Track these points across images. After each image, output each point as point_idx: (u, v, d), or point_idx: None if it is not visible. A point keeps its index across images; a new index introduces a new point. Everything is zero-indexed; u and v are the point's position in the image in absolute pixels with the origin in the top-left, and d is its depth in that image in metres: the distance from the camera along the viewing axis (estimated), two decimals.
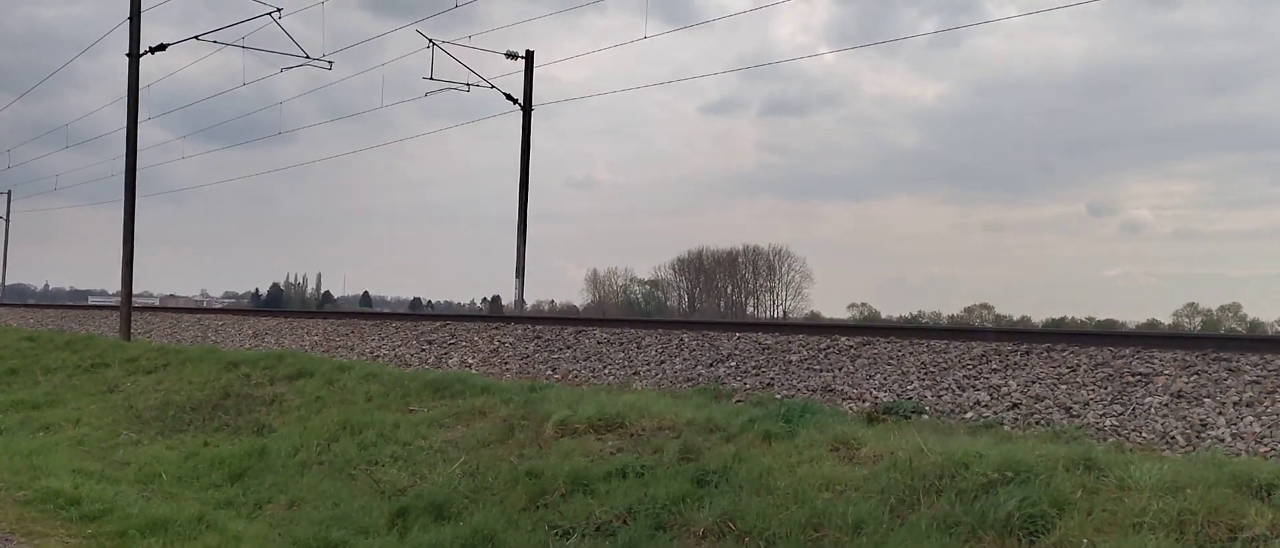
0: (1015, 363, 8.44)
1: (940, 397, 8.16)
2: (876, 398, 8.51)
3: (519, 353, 12.91)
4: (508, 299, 46.13)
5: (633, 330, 12.65)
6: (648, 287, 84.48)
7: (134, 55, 19.97)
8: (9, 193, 60.15)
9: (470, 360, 13.12)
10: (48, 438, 10.57)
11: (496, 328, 14.50)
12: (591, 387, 10.58)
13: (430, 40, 24.34)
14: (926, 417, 7.78)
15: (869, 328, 11.20)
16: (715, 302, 79.99)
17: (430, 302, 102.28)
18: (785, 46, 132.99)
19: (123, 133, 20.32)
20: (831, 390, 9.00)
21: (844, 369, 9.43)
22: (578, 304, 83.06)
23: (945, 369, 8.71)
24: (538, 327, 14.06)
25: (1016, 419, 7.31)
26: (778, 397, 9.02)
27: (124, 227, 20.33)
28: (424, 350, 14.22)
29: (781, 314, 75.69)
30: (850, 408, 8.34)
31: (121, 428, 10.86)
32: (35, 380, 14.85)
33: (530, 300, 31.97)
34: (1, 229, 62.25)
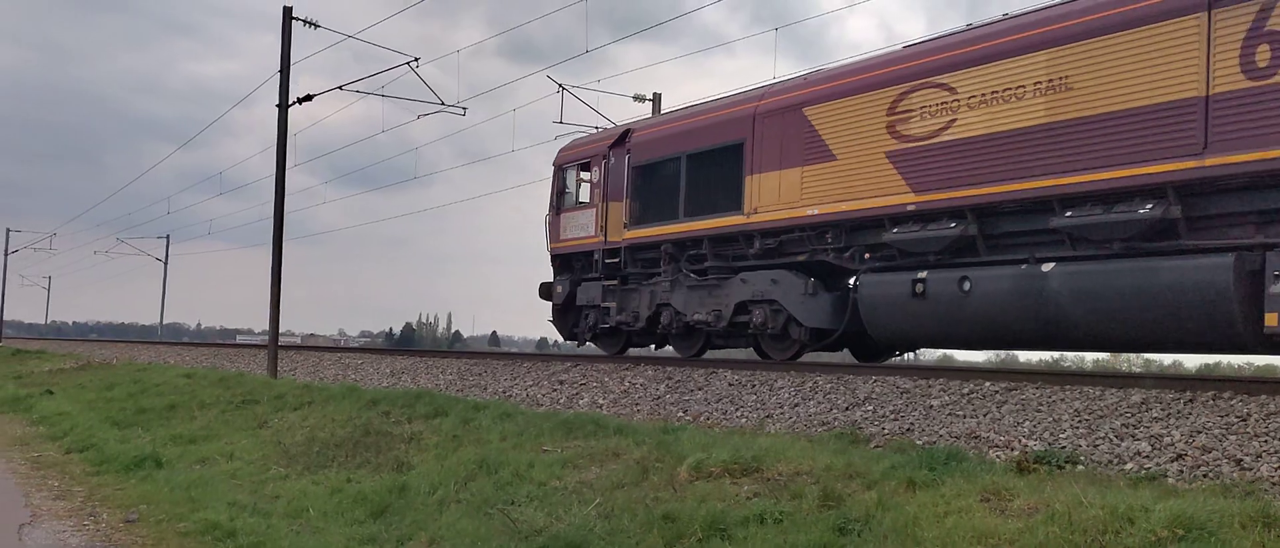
0: (1178, 411, 8.01)
1: (1096, 446, 7.79)
2: (1026, 446, 8.18)
3: (650, 394, 12.89)
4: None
5: (764, 373, 12.51)
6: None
7: (283, 106, 20.89)
8: (168, 237, 63.46)
9: (601, 401, 13.16)
10: (204, 471, 11.01)
11: (627, 369, 14.53)
12: (723, 429, 10.49)
13: (560, 85, 24.80)
14: (1081, 467, 7.44)
15: (1015, 373, 10.81)
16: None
17: (556, 342, 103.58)
18: None
19: (272, 179, 21.28)
20: (976, 437, 8.69)
21: (989, 415, 9.11)
22: None
23: (1101, 417, 8.33)
24: (668, 368, 14.03)
25: (1181, 471, 6.92)
26: (918, 443, 8.76)
27: (272, 269, 21.20)
28: (555, 391, 14.34)
29: (913, 357, 73.83)
30: (997, 457, 8.03)
31: (271, 463, 11.24)
32: (192, 416, 15.53)
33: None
34: (161, 271, 65.67)
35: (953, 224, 11.82)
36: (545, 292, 18.62)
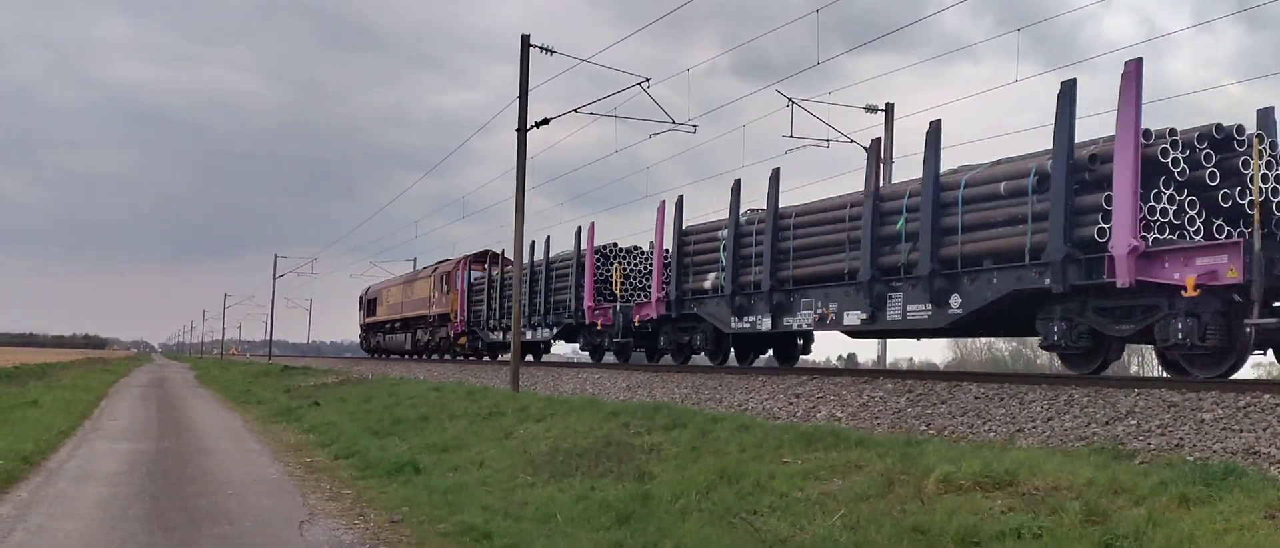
0: None
1: None
2: None
3: (890, 407, 12.60)
4: (863, 358, 45.45)
5: (1013, 386, 11.98)
6: (1015, 343, 79.82)
7: (522, 130, 21.78)
8: (414, 259, 67.22)
9: (839, 414, 12.97)
10: (458, 478, 11.57)
11: (865, 382, 14.26)
12: (970, 443, 10.11)
13: (790, 99, 24.74)
14: None
15: None
16: None
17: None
18: (1185, 82, 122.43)
19: (510, 202, 22.20)
20: (1255, 453, 8.02)
21: (1269, 430, 8.38)
22: (938, 362, 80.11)
23: None
24: (908, 381, 13.68)
25: None
26: (1189, 459, 8.15)
27: (515, 289, 22.11)
28: (791, 404, 14.25)
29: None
30: None
31: (518, 471, 11.68)
32: (443, 426, 16.35)
33: (888, 358, 31.26)
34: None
35: (391, 324, 51.48)
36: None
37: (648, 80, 21.16)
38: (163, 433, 18.09)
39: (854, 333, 16.98)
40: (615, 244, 27.49)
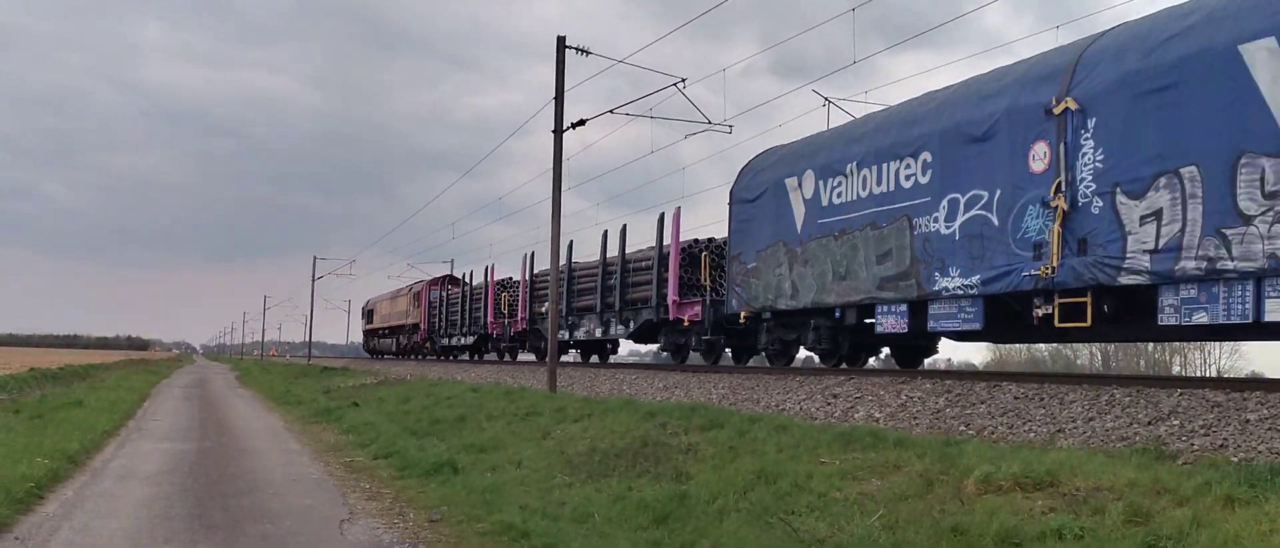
0: None
1: None
2: None
3: (929, 408, 12.52)
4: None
5: (1053, 386, 11.87)
6: (1054, 344, 78.98)
7: (558, 131, 21.83)
8: (452, 261, 67.63)
9: (877, 415, 12.90)
10: (496, 478, 11.63)
11: (903, 382, 14.18)
12: (1010, 443, 10.03)
13: (826, 99, 24.55)
14: None
15: None
16: (1134, 360, 73.27)
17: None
18: None
19: (547, 204, 22.26)
20: None
21: None
22: (976, 362, 79.45)
23: None
24: (947, 381, 13.58)
25: None
26: (1233, 459, 8.04)
27: (551, 290, 22.19)
28: (829, 404, 14.18)
29: (1215, 373, 67.82)
30: None
31: (555, 471, 11.72)
32: (481, 427, 16.44)
33: (925, 360, 31.00)
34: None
35: (383, 331, 60.71)
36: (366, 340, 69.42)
37: (683, 81, 21.16)
38: (204, 433, 18.33)
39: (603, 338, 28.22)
40: (511, 278, 38.33)
